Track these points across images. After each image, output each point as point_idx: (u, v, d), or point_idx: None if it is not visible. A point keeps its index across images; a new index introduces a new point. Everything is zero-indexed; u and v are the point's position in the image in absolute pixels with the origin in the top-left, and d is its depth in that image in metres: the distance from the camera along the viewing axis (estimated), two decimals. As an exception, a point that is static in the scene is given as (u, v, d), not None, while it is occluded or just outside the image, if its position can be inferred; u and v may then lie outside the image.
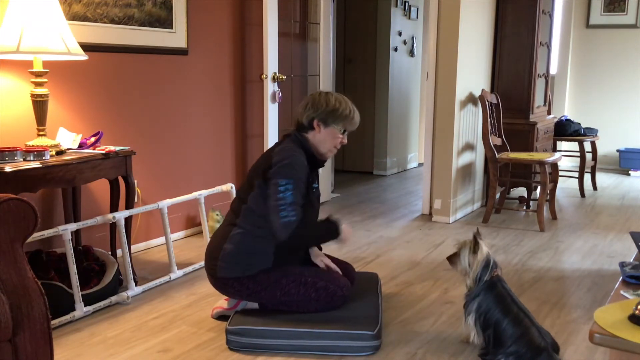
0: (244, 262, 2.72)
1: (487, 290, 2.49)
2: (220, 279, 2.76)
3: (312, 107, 2.78)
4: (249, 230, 2.73)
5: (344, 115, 2.78)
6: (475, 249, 2.52)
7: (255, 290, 2.72)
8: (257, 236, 2.72)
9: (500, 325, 2.42)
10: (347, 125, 2.81)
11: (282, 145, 2.77)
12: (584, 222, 4.85)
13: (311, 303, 2.72)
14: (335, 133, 2.79)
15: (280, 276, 2.72)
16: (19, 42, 2.78)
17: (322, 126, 2.77)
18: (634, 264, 2.26)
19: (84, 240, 3.44)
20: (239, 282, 2.72)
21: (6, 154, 2.73)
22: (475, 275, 2.51)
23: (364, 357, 2.55)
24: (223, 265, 2.73)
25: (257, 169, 2.78)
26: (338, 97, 2.82)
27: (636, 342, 1.60)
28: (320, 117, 2.76)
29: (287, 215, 2.61)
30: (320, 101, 2.78)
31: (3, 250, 1.88)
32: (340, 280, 2.78)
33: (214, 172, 4.44)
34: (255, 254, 2.73)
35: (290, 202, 2.62)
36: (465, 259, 2.54)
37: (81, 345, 2.64)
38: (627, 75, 7.19)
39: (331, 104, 2.77)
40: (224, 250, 2.74)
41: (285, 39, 4.88)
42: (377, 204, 5.44)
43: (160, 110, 4.00)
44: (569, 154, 6.45)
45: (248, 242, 2.73)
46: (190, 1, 4.07)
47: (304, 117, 2.79)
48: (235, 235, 2.74)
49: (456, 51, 4.64)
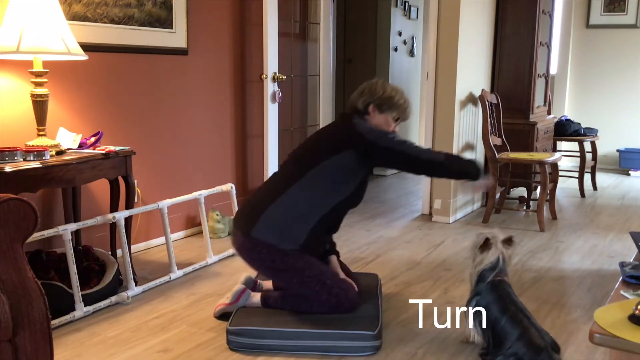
0: (283, 231, 2.70)
1: (489, 290, 2.50)
2: (252, 240, 2.71)
3: (369, 93, 2.86)
4: (302, 198, 2.73)
5: (399, 104, 2.87)
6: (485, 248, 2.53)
7: (277, 267, 2.71)
8: (308, 205, 2.72)
9: (498, 324, 2.43)
10: (400, 114, 2.89)
11: (360, 121, 2.81)
12: (584, 222, 4.85)
13: (315, 304, 2.73)
14: (388, 120, 2.87)
15: (305, 267, 2.71)
16: (19, 42, 2.78)
17: (377, 111, 2.85)
18: (634, 264, 2.26)
19: (84, 240, 3.44)
20: (269, 250, 2.69)
21: (6, 154, 2.73)
22: (477, 271, 2.53)
23: (364, 357, 2.55)
24: (263, 226, 2.70)
25: (341, 141, 2.76)
26: (394, 86, 2.94)
27: (636, 342, 1.60)
28: (376, 103, 2.85)
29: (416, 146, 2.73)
30: (377, 88, 2.87)
31: (3, 250, 1.88)
32: (353, 295, 2.78)
33: (214, 172, 4.44)
34: (297, 223, 2.72)
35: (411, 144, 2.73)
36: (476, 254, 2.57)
37: (81, 345, 2.64)
38: (627, 75, 7.19)
39: (387, 91, 2.87)
40: (269, 211, 2.71)
41: (285, 39, 4.88)
42: (377, 204, 5.44)
43: (160, 110, 4.00)
44: (569, 154, 6.45)
45: (298, 208, 2.72)
46: (190, 1, 4.07)
47: (359, 101, 2.87)
48: (286, 199, 2.72)
49: (456, 51, 4.64)
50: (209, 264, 3.69)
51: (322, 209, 2.75)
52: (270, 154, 4.46)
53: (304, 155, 2.86)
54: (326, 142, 2.83)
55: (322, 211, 2.75)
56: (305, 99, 5.41)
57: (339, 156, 2.72)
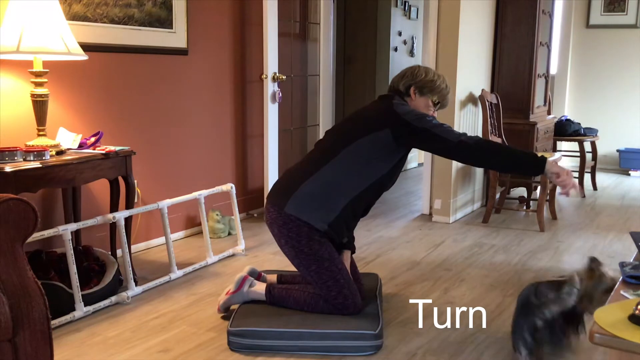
0: (316, 206, 2.71)
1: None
2: (285, 215, 2.72)
3: (411, 75, 2.90)
4: (339, 174, 2.73)
5: (440, 88, 2.90)
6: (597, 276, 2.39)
7: (302, 249, 2.71)
8: (342, 184, 2.73)
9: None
10: (441, 99, 2.92)
11: (399, 102, 2.83)
12: (584, 222, 4.85)
13: (320, 302, 2.74)
14: (428, 103, 2.90)
15: (327, 258, 2.72)
16: (19, 42, 2.78)
17: (417, 94, 2.88)
18: (634, 264, 2.26)
19: (84, 240, 3.44)
20: (299, 229, 2.70)
21: (6, 154, 2.73)
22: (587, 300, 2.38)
23: (365, 357, 2.55)
24: (297, 202, 2.71)
25: (377, 121, 2.77)
26: (436, 72, 2.96)
27: (636, 342, 1.60)
28: (417, 85, 2.88)
29: (453, 131, 2.70)
30: (420, 71, 2.91)
31: (3, 250, 1.88)
32: (357, 299, 2.78)
33: (214, 172, 4.44)
34: (330, 202, 2.73)
35: (447, 127, 2.72)
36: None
37: (81, 345, 2.64)
38: (627, 75, 7.19)
39: (430, 75, 2.91)
40: (304, 188, 2.72)
41: (285, 39, 4.88)
42: (377, 203, 5.39)
43: (160, 110, 4.00)
44: (569, 154, 6.45)
45: (332, 186, 2.73)
46: (190, 1, 4.07)
47: (400, 84, 2.91)
48: (322, 176, 2.73)
49: (456, 51, 4.64)
50: (209, 264, 3.69)
51: (354, 189, 2.76)
52: (270, 154, 4.46)
53: (340, 132, 2.88)
54: (363, 120, 2.84)
55: (354, 192, 2.76)
56: (305, 99, 5.41)
57: (375, 135, 2.73)
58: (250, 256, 3.85)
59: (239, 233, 3.96)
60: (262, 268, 3.09)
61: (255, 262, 3.68)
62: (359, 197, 2.78)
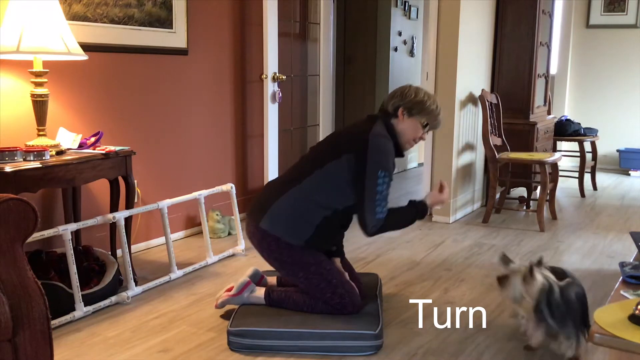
0: (291, 225, 2.72)
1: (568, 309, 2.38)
2: (261, 231, 2.74)
3: (400, 95, 2.84)
4: (311, 193, 2.73)
5: (430, 110, 2.84)
6: (529, 279, 2.36)
7: (284, 260, 2.73)
8: (314, 202, 2.72)
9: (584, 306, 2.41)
10: (430, 120, 2.86)
11: (380, 131, 2.77)
12: (584, 222, 4.85)
13: (319, 304, 2.73)
14: (417, 125, 2.84)
15: (313, 263, 2.73)
16: (19, 42, 2.78)
17: (406, 115, 2.82)
18: (634, 264, 2.26)
19: (84, 240, 3.44)
20: (277, 242, 2.72)
21: (6, 154, 2.73)
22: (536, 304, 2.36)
23: (365, 357, 2.55)
24: (271, 217, 2.72)
25: (349, 142, 2.75)
26: (427, 92, 2.90)
27: (636, 342, 1.60)
28: (406, 106, 2.81)
29: (381, 211, 2.68)
30: (409, 92, 2.84)
31: (3, 250, 1.88)
32: (355, 296, 2.78)
33: (214, 172, 4.44)
34: (304, 219, 2.72)
35: (385, 195, 2.69)
36: (517, 288, 2.39)
37: (81, 345, 2.64)
38: (627, 75, 7.19)
39: (420, 96, 2.83)
40: (277, 204, 2.73)
41: (285, 39, 4.88)
42: (377, 204, 5.43)
43: (161, 111, 4.00)
44: (569, 154, 6.45)
45: (304, 204, 2.73)
46: (190, 1, 4.07)
47: (389, 104, 2.85)
48: (295, 193, 2.73)
49: (456, 51, 4.64)
50: (209, 264, 3.69)
51: (328, 209, 2.75)
52: (270, 154, 4.46)
53: (317, 152, 2.87)
54: (339, 141, 2.83)
55: (328, 211, 2.75)
56: (305, 99, 5.41)
57: (345, 158, 2.71)
58: (250, 256, 3.85)
59: (239, 233, 3.96)
60: (262, 269, 3.09)
61: (255, 263, 3.67)
62: (334, 216, 2.76)
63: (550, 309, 2.34)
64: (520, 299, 2.40)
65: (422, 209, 2.86)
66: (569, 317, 2.36)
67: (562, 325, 2.36)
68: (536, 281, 2.35)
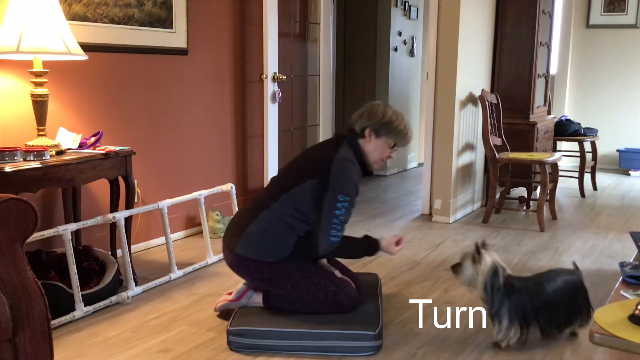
0: (265, 247, 2.72)
1: (509, 292, 2.51)
2: (237, 256, 2.75)
3: (367, 116, 2.80)
4: (280, 217, 2.72)
5: (398, 130, 2.80)
6: (478, 259, 2.52)
7: (268, 277, 2.72)
8: (285, 224, 2.72)
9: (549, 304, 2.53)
10: (398, 140, 2.83)
11: (344, 154, 2.74)
12: (584, 222, 4.85)
13: (317, 305, 2.73)
14: (384, 146, 2.81)
15: (295, 270, 2.72)
16: (19, 42, 2.78)
17: (373, 136, 2.79)
18: (634, 264, 2.26)
19: (84, 240, 3.44)
20: (255, 264, 2.72)
21: (6, 154, 2.73)
22: (484, 285, 2.51)
23: (365, 357, 2.55)
24: (244, 244, 2.72)
25: (312, 167, 2.75)
26: (396, 111, 2.84)
27: (636, 342, 1.60)
28: (373, 127, 2.78)
29: (336, 234, 2.65)
30: (377, 111, 2.80)
31: (3, 250, 1.88)
32: (351, 290, 2.78)
33: (214, 172, 4.44)
34: (277, 241, 2.72)
35: (343, 221, 2.67)
36: (469, 270, 2.54)
37: (81, 345, 2.64)
38: (627, 75, 7.19)
39: (387, 116, 2.79)
40: (248, 230, 2.73)
41: (285, 39, 4.88)
42: (377, 204, 5.44)
43: (160, 110, 4.00)
44: (569, 154, 6.45)
45: (275, 228, 2.72)
46: (190, 1, 4.07)
47: (357, 124, 2.80)
48: (265, 218, 2.73)
49: (456, 51, 4.64)
50: (209, 264, 3.69)
51: (299, 230, 2.74)
52: (270, 154, 4.46)
53: (284, 175, 2.87)
54: (302, 166, 2.82)
55: (300, 232, 2.74)
56: (305, 99, 5.41)
57: (309, 183, 2.70)
58: (250, 256, 3.85)
59: (239, 233, 3.95)
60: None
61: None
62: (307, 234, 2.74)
63: (492, 290, 2.49)
64: (473, 280, 2.53)
65: (373, 249, 2.86)
66: (509, 304, 2.50)
67: (498, 308, 2.52)
68: (485, 260, 2.50)
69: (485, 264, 2.51)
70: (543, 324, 2.56)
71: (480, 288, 2.53)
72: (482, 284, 2.51)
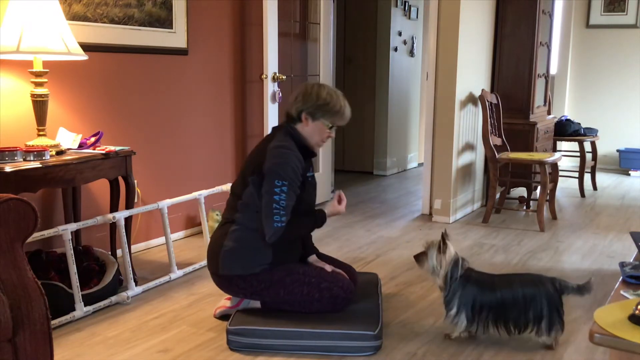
0: (245, 259, 2.72)
1: (464, 283, 2.60)
2: (224, 277, 2.75)
3: (302, 100, 2.76)
4: (247, 225, 2.73)
5: (334, 111, 2.77)
6: (443, 249, 2.60)
7: (259, 289, 2.72)
8: (254, 230, 2.71)
9: (498, 302, 2.57)
10: (335, 121, 2.79)
11: (276, 142, 2.74)
12: (584, 222, 4.85)
13: (314, 303, 2.73)
14: (322, 127, 2.78)
15: (284, 275, 2.72)
16: (19, 42, 2.78)
17: (310, 119, 2.76)
18: (634, 264, 2.26)
19: (84, 240, 3.44)
20: (242, 279, 2.72)
21: (6, 154, 2.73)
22: (446, 274, 2.60)
23: (365, 357, 2.55)
24: (225, 262, 2.73)
25: (250, 165, 2.77)
26: (330, 90, 2.80)
27: (636, 342, 1.60)
28: (308, 111, 2.75)
29: (279, 220, 2.62)
30: (311, 94, 2.76)
31: (3, 250, 1.88)
32: (344, 282, 2.78)
33: (214, 172, 4.44)
34: (255, 249, 2.72)
35: (284, 205, 2.62)
36: (434, 259, 2.62)
37: (81, 345, 2.64)
38: (627, 75, 7.19)
39: (322, 97, 2.75)
40: (224, 247, 2.73)
41: (285, 39, 4.88)
42: (377, 204, 5.44)
43: (160, 110, 4.00)
44: (569, 154, 6.45)
45: (247, 238, 2.73)
46: (190, 1, 4.07)
47: (293, 108, 2.79)
48: (234, 232, 2.74)
49: (456, 51, 4.64)
50: (209, 264, 3.69)
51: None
52: (270, 154, 4.45)
53: (235, 183, 2.86)
54: (243, 168, 2.82)
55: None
56: (305, 99, 5.40)
57: (249, 185, 2.71)
58: (250, 256, 3.85)
59: (239, 233, 3.95)
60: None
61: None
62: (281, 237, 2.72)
63: (450, 279, 2.59)
64: (437, 270, 2.62)
65: (321, 218, 2.82)
66: (460, 294, 2.58)
67: (451, 297, 2.60)
68: (449, 250, 2.60)
69: (450, 254, 2.59)
70: (491, 320, 2.59)
71: (441, 277, 2.61)
72: (444, 273, 2.59)
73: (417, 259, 2.71)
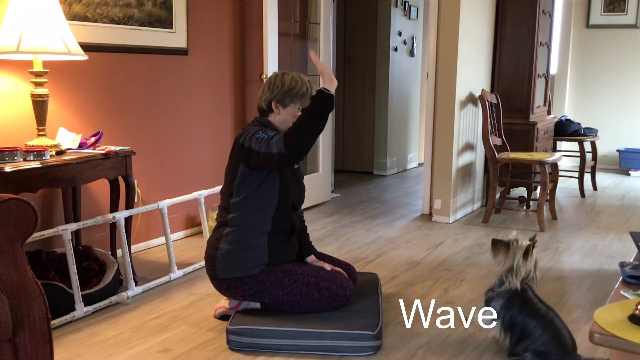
0: (241, 260, 2.73)
1: (516, 294, 2.48)
2: (222, 280, 2.76)
3: (269, 90, 2.80)
4: (241, 225, 2.74)
5: (300, 94, 2.79)
6: (529, 255, 2.50)
7: (258, 290, 2.73)
8: (248, 227, 2.73)
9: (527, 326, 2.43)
10: (304, 103, 2.80)
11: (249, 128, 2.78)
12: (584, 222, 4.85)
13: (313, 303, 2.73)
14: (294, 112, 2.79)
15: (283, 276, 2.72)
16: (19, 42, 2.78)
17: (280, 107, 2.79)
18: (634, 264, 2.26)
19: (84, 240, 3.44)
20: (241, 281, 2.72)
21: (6, 154, 2.73)
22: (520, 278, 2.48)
23: (365, 357, 2.55)
24: (222, 266, 2.74)
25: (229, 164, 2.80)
26: (294, 75, 2.83)
27: (636, 342, 1.60)
28: (277, 99, 2.78)
29: (271, 136, 2.60)
30: (275, 82, 2.80)
31: (3, 250, 1.88)
32: (343, 280, 2.78)
33: (214, 172, 4.44)
34: (250, 248, 2.73)
35: (270, 134, 2.62)
36: (516, 260, 2.50)
37: (81, 345, 2.64)
38: (627, 75, 7.19)
39: (287, 83, 2.79)
40: (220, 250, 2.75)
41: (285, 39, 4.88)
42: (377, 204, 5.44)
43: (160, 111, 4.00)
44: (569, 154, 6.45)
45: (241, 238, 2.74)
46: (190, 1, 4.07)
47: (262, 100, 2.82)
48: (228, 234, 2.75)
49: (456, 51, 4.64)
50: (209, 264, 3.69)
51: (261, 227, 2.74)
52: (270, 154, 4.45)
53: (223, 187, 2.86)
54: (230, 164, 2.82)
55: (264, 229, 2.74)
56: (305, 99, 5.40)
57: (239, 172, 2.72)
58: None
59: (239, 233, 3.95)
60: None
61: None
62: (274, 229, 2.76)
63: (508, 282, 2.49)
64: (516, 270, 2.51)
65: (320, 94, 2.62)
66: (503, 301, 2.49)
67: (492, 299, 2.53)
68: (533, 258, 2.52)
69: (531, 264, 2.51)
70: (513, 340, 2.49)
71: (514, 278, 2.49)
72: (520, 278, 2.48)
73: (494, 245, 2.58)
